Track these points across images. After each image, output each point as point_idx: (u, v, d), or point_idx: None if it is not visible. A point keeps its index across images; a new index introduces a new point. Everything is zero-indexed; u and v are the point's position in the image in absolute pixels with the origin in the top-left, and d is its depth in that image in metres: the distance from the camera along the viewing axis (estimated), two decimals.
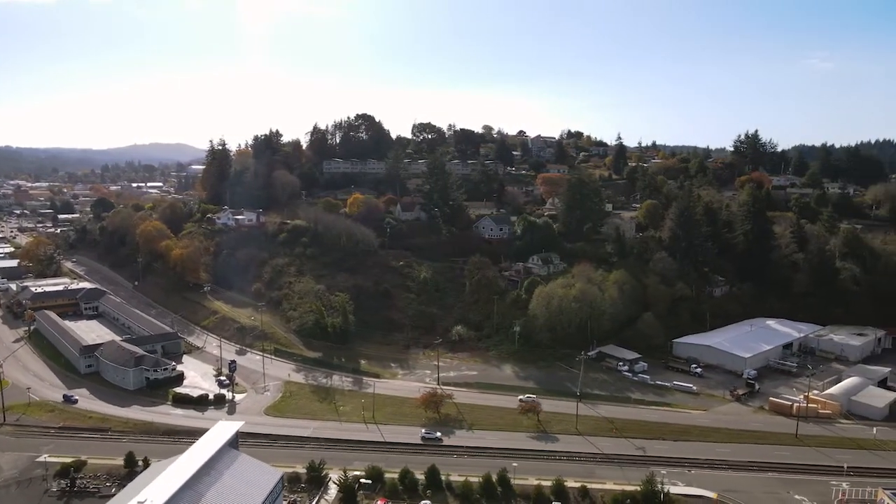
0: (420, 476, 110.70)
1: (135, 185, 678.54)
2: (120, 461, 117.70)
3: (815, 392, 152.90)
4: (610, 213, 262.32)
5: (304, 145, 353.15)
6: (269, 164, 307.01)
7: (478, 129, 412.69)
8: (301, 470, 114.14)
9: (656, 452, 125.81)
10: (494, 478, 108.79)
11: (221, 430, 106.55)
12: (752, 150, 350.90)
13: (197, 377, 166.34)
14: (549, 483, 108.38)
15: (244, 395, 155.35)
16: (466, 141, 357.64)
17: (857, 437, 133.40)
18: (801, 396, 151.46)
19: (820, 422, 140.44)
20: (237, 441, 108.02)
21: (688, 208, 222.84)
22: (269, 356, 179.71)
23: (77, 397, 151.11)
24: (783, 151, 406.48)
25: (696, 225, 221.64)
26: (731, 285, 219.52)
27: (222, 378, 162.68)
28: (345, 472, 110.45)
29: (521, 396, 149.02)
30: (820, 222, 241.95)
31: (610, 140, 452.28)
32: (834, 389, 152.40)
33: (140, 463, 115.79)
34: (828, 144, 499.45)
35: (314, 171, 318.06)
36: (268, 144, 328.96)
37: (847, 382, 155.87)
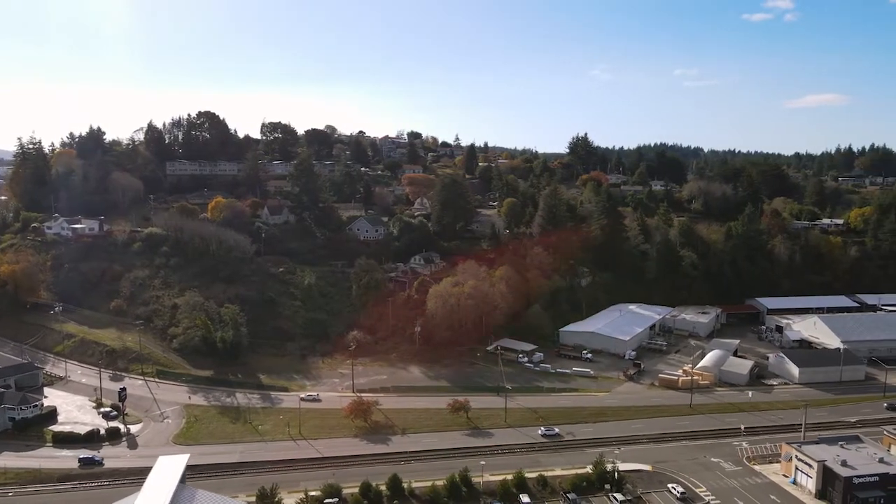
0: (382, 487, 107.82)
1: None
2: None
3: (690, 366, 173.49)
4: (479, 211, 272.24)
5: (133, 144, 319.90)
6: (102, 165, 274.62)
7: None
8: (248, 499, 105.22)
9: (584, 435, 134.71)
10: (457, 478, 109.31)
11: (167, 466, 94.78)
12: (584, 151, 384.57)
13: (73, 411, 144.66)
14: (509, 477, 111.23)
15: (140, 425, 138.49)
16: (319, 141, 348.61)
17: (736, 402, 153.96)
18: (681, 371, 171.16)
19: (702, 392, 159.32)
20: (185, 476, 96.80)
21: (555, 206, 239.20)
22: (152, 380, 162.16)
23: (101, 457, 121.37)
24: (602, 152, 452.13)
25: (563, 221, 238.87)
26: (593, 275, 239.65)
27: (107, 409, 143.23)
28: (306, 493, 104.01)
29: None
30: (658, 216, 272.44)
31: (448, 141, 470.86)
32: (705, 362, 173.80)
33: None
34: (623, 147, 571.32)
35: (157, 174, 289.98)
36: (97, 143, 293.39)
37: (712, 355, 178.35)
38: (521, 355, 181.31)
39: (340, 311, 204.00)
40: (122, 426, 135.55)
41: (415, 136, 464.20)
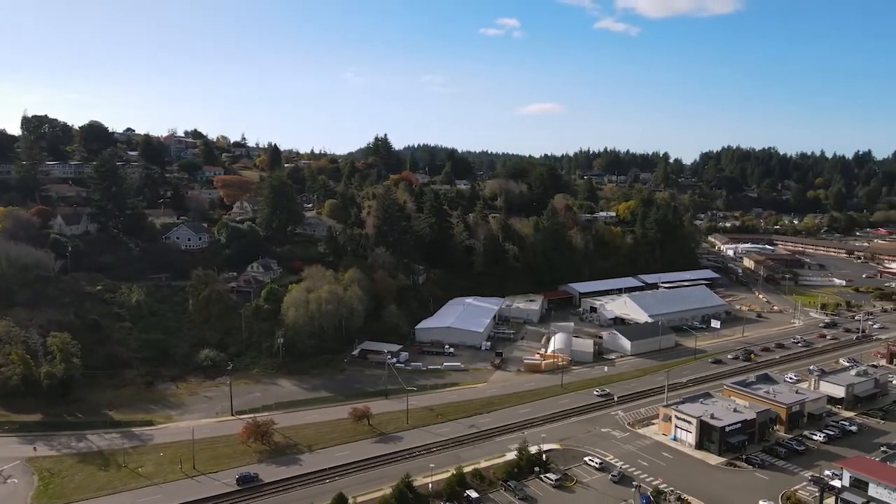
0: None
1: None
2: None
3: (544, 349, 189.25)
4: (307, 214, 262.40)
5: None
6: None
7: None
8: None
9: (487, 425, 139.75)
10: (403, 486, 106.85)
11: None
12: (385, 151, 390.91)
13: None
14: (445, 476, 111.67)
15: None
16: (99, 139, 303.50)
17: (594, 377, 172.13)
18: (537, 355, 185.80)
19: (563, 372, 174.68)
20: None
21: (389, 206, 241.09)
22: None
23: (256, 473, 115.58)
24: (397, 153, 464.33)
25: (397, 220, 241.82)
26: (427, 272, 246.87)
27: None
28: None
29: None
30: (475, 213, 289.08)
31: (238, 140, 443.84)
32: (557, 345, 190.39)
33: None
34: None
35: None
36: None
37: (559, 338, 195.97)
38: (390, 356, 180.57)
39: (179, 329, 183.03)
40: None
41: (196, 135, 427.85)
